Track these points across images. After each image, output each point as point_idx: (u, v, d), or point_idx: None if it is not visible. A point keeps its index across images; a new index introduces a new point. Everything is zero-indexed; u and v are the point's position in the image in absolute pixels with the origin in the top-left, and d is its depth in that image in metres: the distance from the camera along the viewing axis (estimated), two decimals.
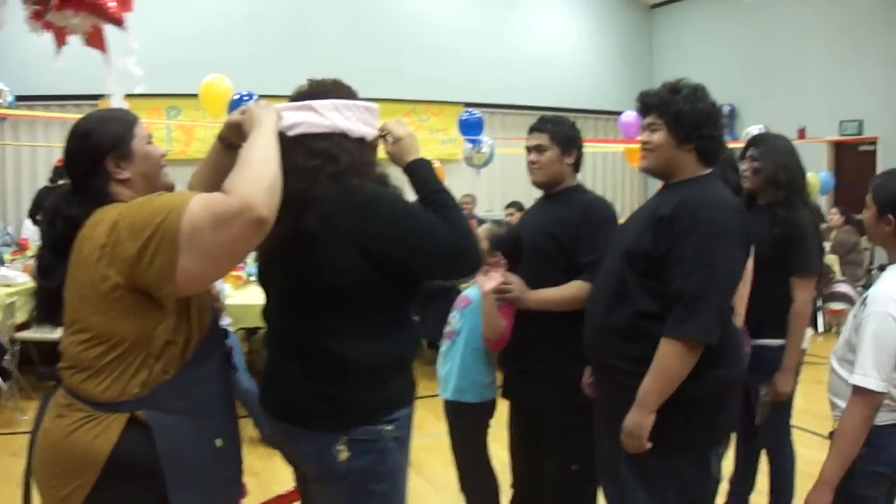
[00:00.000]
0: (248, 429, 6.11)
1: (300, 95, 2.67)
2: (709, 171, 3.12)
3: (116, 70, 5.16)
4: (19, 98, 10.99)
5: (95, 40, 5.07)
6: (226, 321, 6.37)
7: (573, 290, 3.58)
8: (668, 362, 2.87)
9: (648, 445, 2.93)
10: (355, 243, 2.48)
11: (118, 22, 4.83)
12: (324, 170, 2.46)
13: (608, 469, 3.32)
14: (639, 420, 2.92)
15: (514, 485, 4.13)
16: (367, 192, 2.53)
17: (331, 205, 2.45)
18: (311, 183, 2.47)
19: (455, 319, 4.01)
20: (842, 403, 3.03)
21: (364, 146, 2.65)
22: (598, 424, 3.37)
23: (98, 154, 2.36)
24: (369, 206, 2.51)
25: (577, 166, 3.91)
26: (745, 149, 4.35)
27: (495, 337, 3.74)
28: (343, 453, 2.52)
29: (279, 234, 2.36)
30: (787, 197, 4.12)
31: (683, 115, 3.02)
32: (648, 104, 3.13)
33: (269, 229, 2.13)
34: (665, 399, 2.90)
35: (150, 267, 2.08)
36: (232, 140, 2.57)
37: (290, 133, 2.53)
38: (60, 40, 5.00)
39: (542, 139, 3.82)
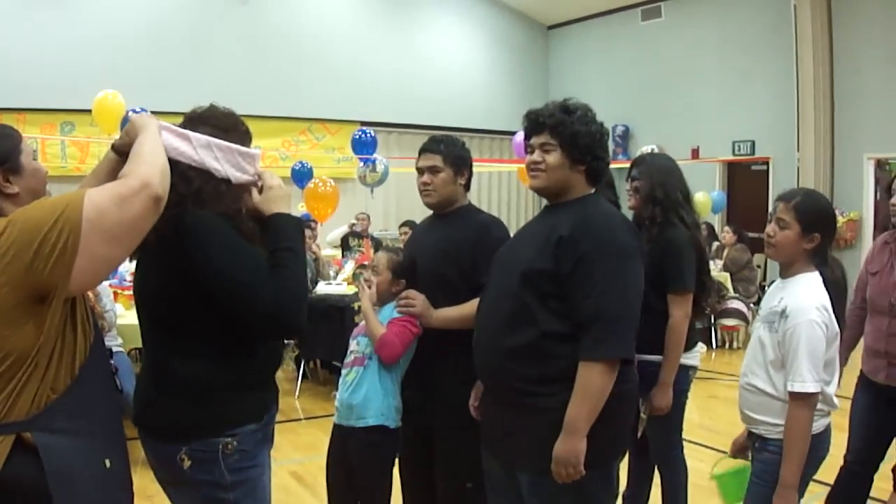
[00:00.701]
0: (142, 451, 5.98)
1: (191, 116, 2.74)
2: (593, 190, 3.19)
3: None
4: None
5: None
6: (115, 341, 6.29)
7: (472, 308, 3.54)
8: (593, 384, 2.89)
9: (583, 471, 2.92)
10: (179, 266, 2.54)
11: None
12: (176, 188, 2.46)
13: (498, 488, 3.33)
14: (572, 447, 2.90)
15: None
16: (203, 222, 2.55)
17: (167, 224, 2.44)
18: None
19: (362, 345, 3.89)
20: (762, 417, 3.27)
21: (229, 187, 2.68)
22: (487, 444, 3.35)
23: None
24: (202, 237, 2.54)
25: (467, 186, 3.95)
26: (630, 169, 4.47)
27: (377, 343, 3.73)
28: (186, 462, 2.62)
29: None
30: (664, 214, 4.23)
31: (580, 136, 3.06)
32: (542, 123, 3.13)
33: (163, 208, 2.23)
34: (593, 421, 2.90)
35: (51, 260, 2.06)
36: (126, 149, 2.55)
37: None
38: None
39: (435, 160, 3.84)
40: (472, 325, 3.43)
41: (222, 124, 2.72)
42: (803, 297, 3.17)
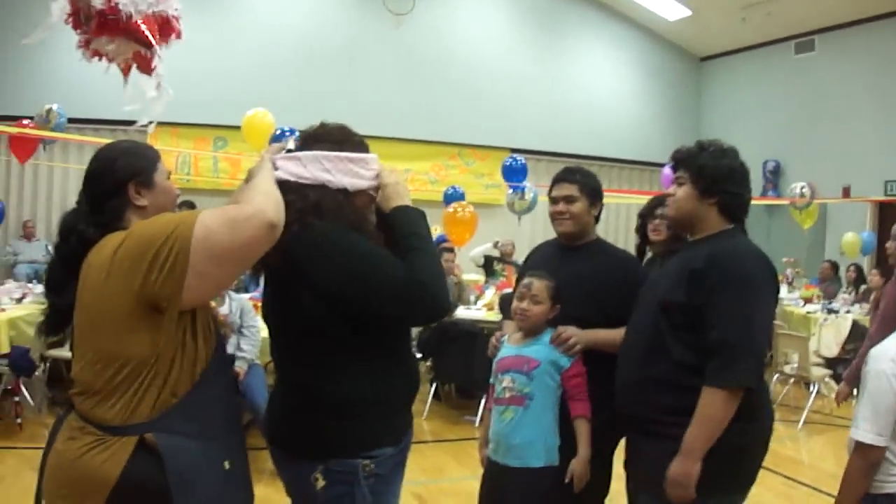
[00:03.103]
0: (268, 461, 6.14)
1: (305, 136, 2.80)
2: (732, 226, 3.21)
3: (139, 96, 5.29)
4: (71, 120, 11.23)
5: (145, 66, 5.22)
6: (250, 354, 6.43)
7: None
8: (713, 411, 2.93)
9: (694, 495, 2.96)
10: (309, 281, 2.55)
11: (149, 45, 4.96)
12: (294, 205, 2.51)
13: None
14: (686, 469, 2.95)
15: None
16: (325, 232, 2.58)
17: (291, 240, 2.49)
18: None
19: (519, 382, 3.67)
20: None
21: (347, 196, 2.71)
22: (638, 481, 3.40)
23: (121, 177, 2.44)
24: (325, 246, 2.56)
25: (598, 218, 3.91)
26: (653, 209, 4.57)
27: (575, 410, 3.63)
28: (319, 482, 2.60)
29: (256, 266, 2.57)
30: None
31: (706, 169, 3.14)
32: (678, 159, 3.26)
33: (278, 236, 2.28)
34: (709, 447, 2.94)
35: (163, 274, 2.16)
36: None
37: (279, 177, 2.62)
38: (125, 71, 5.17)
39: (571, 190, 3.79)
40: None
41: (335, 138, 2.76)
42: (887, 343, 3.04)
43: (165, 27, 5.18)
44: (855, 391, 4.55)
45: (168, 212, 2.53)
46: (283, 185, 2.55)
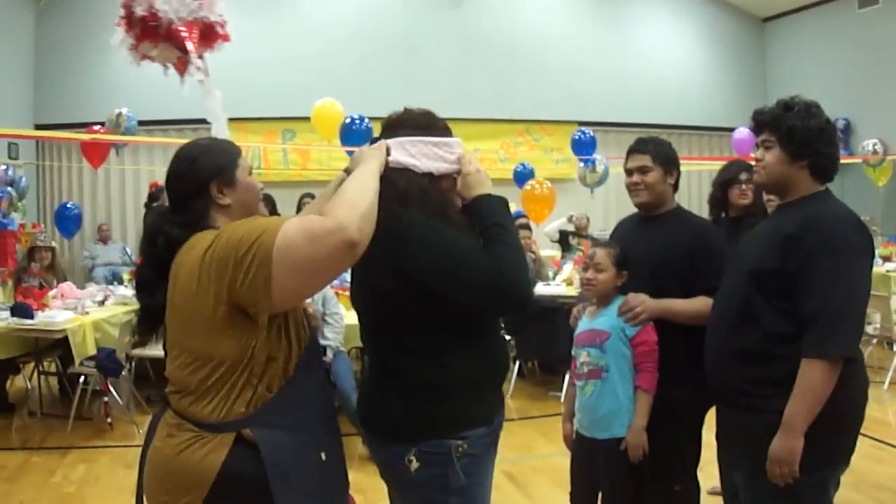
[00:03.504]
0: (358, 447, 6.25)
1: (389, 123, 2.81)
2: (823, 188, 3.10)
3: (213, 95, 5.37)
4: (141, 123, 11.33)
5: (182, 70, 5.33)
6: (334, 342, 6.49)
7: (703, 304, 3.50)
8: (814, 382, 2.82)
9: (797, 473, 2.85)
10: (392, 267, 2.56)
11: (187, 51, 5.04)
12: (381, 193, 2.50)
13: (732, 491, 3.28)
14: (789, 445, 2.85)
15: None
16: (406, 220, 2.58)
17: (376, 230, 2.46)
18: None
19: (594, 356, 3.73)
20: None
21: (432, 181, 2.72)
22: (718, 449, 3.37)
23: (203, 177, 2.44)
24: (410, 233, 2.57)
25: (676, 186, 3.88)
26: (737, 174, 4.69)
27: (640, 381, 3.66)
28: (414, 463, 2.61)
29: None
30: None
31: (795, 131, 3.01)
32: (761, 121, 3.13)
33: (361, 253, 2.19)
34: (811, 420, 2.84)
35: (246, 281, 2.13)
36: None
37: None
38: (181, 70, 5.24)
39: (644, 160, 3.80)
40: (696, 321, 3.45)
41: (420, 123, 2.77)
42: None
43: (209, 33, 5.26)
44: None
45: (252, 207, 2.56)
46: None
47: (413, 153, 2.69)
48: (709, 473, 3.82)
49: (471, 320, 2.70)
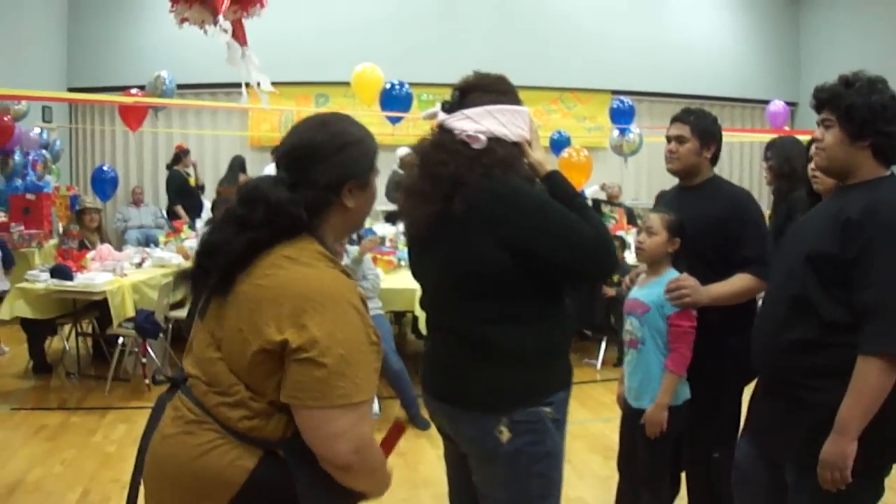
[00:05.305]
0: (395, 409, 6.35)
1: (465, 87, 2.77)
2: (888, 172, 2.89)
3: (251, 61, 5.42)
4: (180, 86, 11.31)
5: (238, 33, 5.37)
6: (376, 304, 6.52)
7: (742, 283, 3.55)
8: (870, 381, 2.63)
9: (850, 479, 2.68)
10: (495, 233, 2.54)
11: (216, 13, 5.08)
12: (479, 160, 2.54)
13: (748, 479, 3.21)
14: (841, 449, 2.67)
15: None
16: (514, 186, 2.59)
17: (477, 193, 2.52)
18: (463, 170, 2.56)
19: (634, 326, 3.79)
20: None
21: (518, 148, 2.73)
22: (751, 435, 3.22)
23: (348, 172, 2.16)
24: (515, 199, 2.56)
25: (714, 160, 3.89)
26: (765, 151, 4.78)
27: (669, 361, 3.68)
28: (505, 434, 2.58)
29: (429, 220, 2.56)
30: (789, 185, 4.48)
31: (855, 109, 2.78)
32: (821, 99, 2.90)
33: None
34: (867, 422, 2.65)
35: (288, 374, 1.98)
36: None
37: (462, 138, 2.65)
38: (241, 37, 5.30)
39: (683, 130, 3.83)
40: (739, 300, 3.50)
41: (499, 88, 2.77)
42: None
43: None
44: None
45: (363, 221, 2.36)
46: (463, 144, 2.61)
47: (502, 122, 2.69)
48: None
49: (556, 286, 2.71)
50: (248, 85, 6.56)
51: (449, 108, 2.74)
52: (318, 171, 2.12)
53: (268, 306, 1.98)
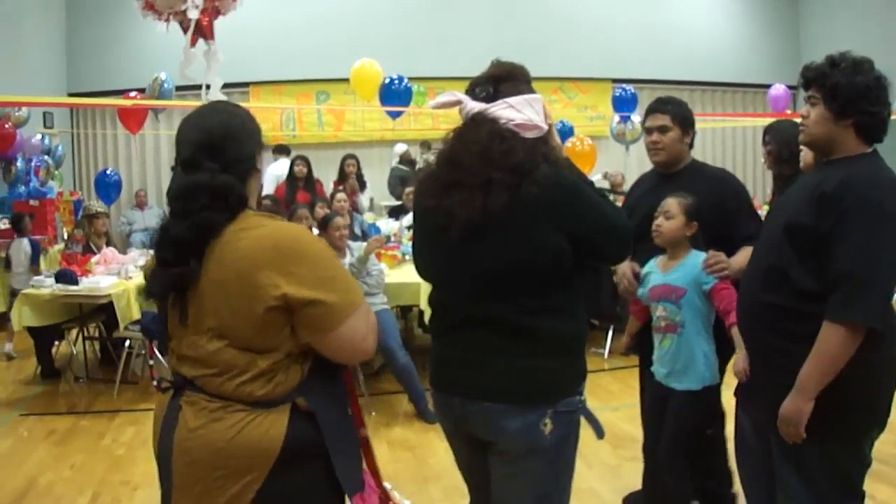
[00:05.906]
0: (403, 404, 6.27)
1: (493, 76, 2.75)
2: (871, 149, 2.98)
3: (215, 57, 5.46)
4: (179, 88, 11.31)
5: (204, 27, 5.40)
6: (380, 299, 6.51)
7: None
8: (831, 347, 2.74)
9: (804, 435, 2.81)
10: (555, 221, 2.53)
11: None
12: (538, 148, 2.55)
13: (746, 451, 3.29)
14: (798, 406, 2.80)
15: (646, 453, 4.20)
16: (564, 180, 2.58)
17: (545, 180, 2.51)
18: (530, 159, 2.55)
19: (670, 311, 3.83)
20: None
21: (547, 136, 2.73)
22: (745, 404, 3.30)
23: (256, 142, 2.38)
24: (575, 186, 2.59)
25: (691, 145, 4.04)
26: (764, 136, 4.69)
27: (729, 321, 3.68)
28: (549, 426, 2.56)
29: (479, 212, 2.53)
30: (791, 169, 4.38)
31: (840, 88, 2.87)
32: (808, 78, 3.00)
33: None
34: (825, 385, 2.77)
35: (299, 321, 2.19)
36: None
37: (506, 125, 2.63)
38: (208, 32, 5.31)
39: (664, 120, 3.96)
40: None
41: (524, 76, 2.79)
42: None
43: None
44: None
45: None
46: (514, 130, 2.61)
47: (538, 110, 2.68)
48: None
49: (580, 273, 2.70)
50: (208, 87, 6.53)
51: (486, 96, 2.71)
52: (238, 148, 2.30)
53: (252, 273, 2.13)
